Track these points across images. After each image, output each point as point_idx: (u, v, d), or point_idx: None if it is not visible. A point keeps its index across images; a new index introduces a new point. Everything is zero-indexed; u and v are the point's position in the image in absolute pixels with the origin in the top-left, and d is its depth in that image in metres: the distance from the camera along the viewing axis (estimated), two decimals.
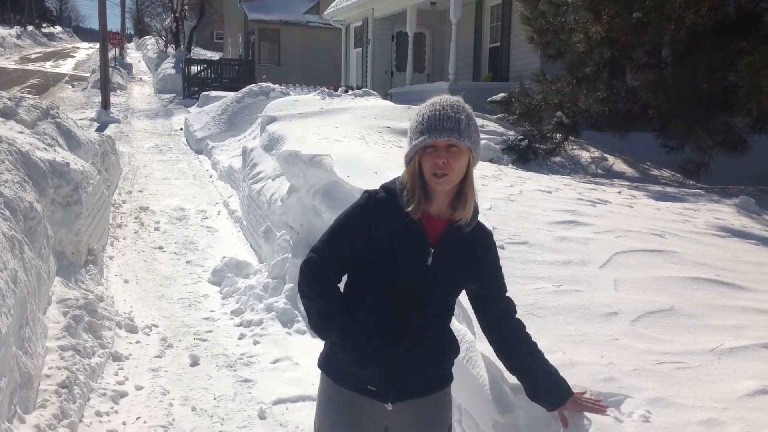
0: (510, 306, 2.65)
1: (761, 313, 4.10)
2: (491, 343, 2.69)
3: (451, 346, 2.64)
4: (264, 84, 20.78)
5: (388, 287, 2.44)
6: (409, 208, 2.36)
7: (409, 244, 2.40)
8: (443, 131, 2.31)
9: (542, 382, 2.63)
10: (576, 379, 3.08)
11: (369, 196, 2.48)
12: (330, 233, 2.52)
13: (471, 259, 2.49)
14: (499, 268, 2.62)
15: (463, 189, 2.39)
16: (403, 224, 2.39)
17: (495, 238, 4.71)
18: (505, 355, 2.66)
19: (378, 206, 2.44)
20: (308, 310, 2.56)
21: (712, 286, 4.44)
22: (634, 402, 2.96)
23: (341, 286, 2.59)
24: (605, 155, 12.38)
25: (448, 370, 2.65)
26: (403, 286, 2.42)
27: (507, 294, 2.66)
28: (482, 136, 12.03)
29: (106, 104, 24.78)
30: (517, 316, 2.66)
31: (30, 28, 70.72)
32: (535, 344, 2.64)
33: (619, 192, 8.13)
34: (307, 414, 4.81)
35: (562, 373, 3.00)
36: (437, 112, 2.34)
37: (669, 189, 9.41)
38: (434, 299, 2.48)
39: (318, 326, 2.54)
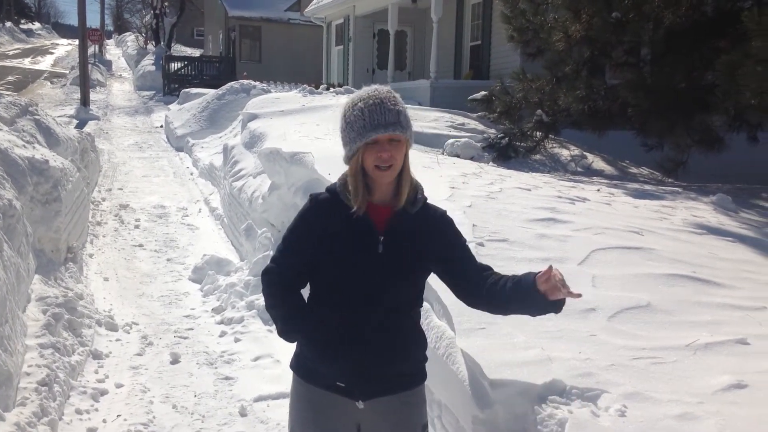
0: (484, 272, 2.58)
1: (737, 309, 4.16)
2: (482, 307, 2.63)
3: (417, 340, 2.63)
4: (245, 81, 20.71)
5: (347, 283, 2.46)
6: (355, 205, 2.42)
7: (358, 236, 2.44)
8: (387, 126, 2.35)
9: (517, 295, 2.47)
10: (554, 374, 3.12)
11: (311, 199, 2.55)
12: (283, 242, 2.59)
13: (424, 239, 2.51)
14: (464, 245, 2.61)
15: (401, 176, 2.43)
16: (349, 219, 2.43)
17: (475, 235, 4.76)
18: (496, 307, 2.59)
19: (322, 207, 2.51)
20: (273, 317, 2.63)
21: (689, 282, 4.50)
22: (610, 396, 3.00)
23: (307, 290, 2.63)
24: (585, 153, 12.47)
25: (419, 367, 2.65)
26: (361, 279, 2.44)
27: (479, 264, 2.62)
28: (463, 134, 12.14)
29: (85, 101, 24.62)
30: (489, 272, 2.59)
31: (8, 24, 69.99)
32: (502, 278, 2.52)
33: (598, 190, 8.19)
34: (288, 411, 4.82)
35: (540, 369, 3.04)
36: (377, 107, 2.37)
37: (647, 187, 9.50)
38: (394, 288, 2.48)
39: (282, 330, 2.60)
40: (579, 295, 2.37)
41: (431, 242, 2.52)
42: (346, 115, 2.43)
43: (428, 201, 2.56)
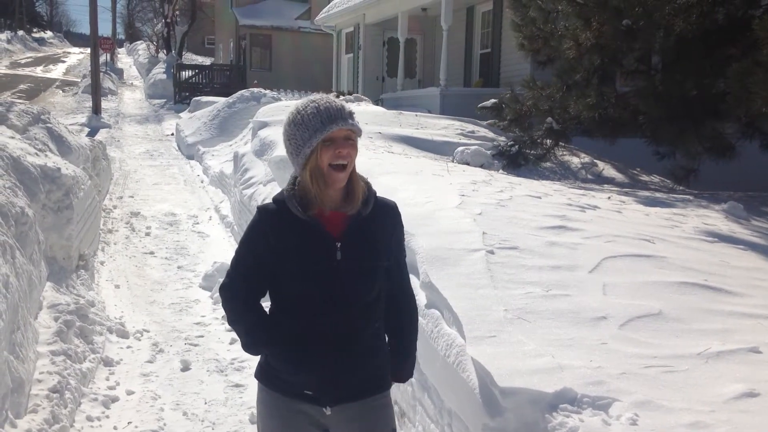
0: (407, 280, 2.71)
1: (748, 317, 4.14)
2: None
3: (381, 344, 2.63)
4: (255, 89, 20.77)
5: (308, 292, 2.45)
6: (308, 207, 2.41)
7: (313, 245, 2.43)
8: (345, 119, 2.37)
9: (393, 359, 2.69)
10: (565, 382, 3.11)
11: (259, 211, 2.54)
12: (236, 256, 2.60)
13: (379, 238, 2.52)
14: (401, 242, 2.66)
15: (351, 180, 2.43)
16: (300, 228, 2.43)
17: (485, 243, 4.76)
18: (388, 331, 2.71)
19: (270, 218, 2.49)
20: (236, 332, 2.63)
21: (700, 290, 4.48)
22: (622, 405, 2.99)
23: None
24: (595, 161, 12.44)
25: (385, 371, 2.64)
26: (321, 287, 2.43)
27: (406, 270, 2.71)
28: (473, 141, 12.14)
29: (97, 109, 24.74)
30: (411, 291, 2.73)
31: (20, 32, 70.37)
32: (406, 327, 2.73)
33: (609, 197, 8.17)
34: None
35: (551, 377, 3.02)
36: (329, 105, 2.39)
37: (658, 194, 9.46)
38: (356, 293, 2.47)
39: (246, 344, 2.60)
40: None
41: (386, 242, 2.55)
42: (296, 119, 2.41)
43: (377, 195, 2.56)
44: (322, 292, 2.43)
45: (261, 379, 2.61)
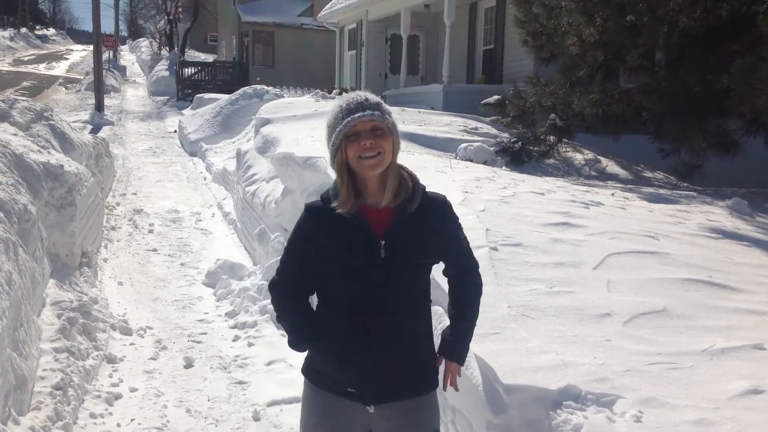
0: (468, 266, 2.66)
1: (753, 314, 4.13)
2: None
3: (428, 343, 2.61)
4: (258, 86, 20.77)
5: (352, 289, 2.45)
6: (344, 207, 2.40)
7: (356, 243, 2.42)
8: (365, 109, 2.36)
9: (447, 335, 2.68)
10: (569, 379, 3.10)
11: (306, 208, 2.56)
12: (285, 253, 2.62)
13: (427, 237, 2.49)
14: (459, 235, 2.62)
15: (386, 173, 2.42)
16: (344, 226, 2.42)
17: (489, 239, 4.74)
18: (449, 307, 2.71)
19: (315, 216, 2.50)
20: (284, 329, 2.66)
21: (705, 287, 4.47)
22: (626, 402, 2.98)
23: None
24: (599, 157, 12.41)
25: (431, 371, 2.61)
26: (365, 285, 2.43)
27: (469, 258, 2.66)
28: (476, 138, 12.13)
29: (99, 106, 24.74)
30: (473, 276, 2.68)
31: (23, 30, 70.44)
32: (467, 306, 2.67)
33: (613, 194, 8.15)
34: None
35: (555, 374, 3.01)
36: (353, 99, 2.40)
37: (662, 191, 9.44)
38: (400, 292, 2.46)
39: (291, 340, 2.63)
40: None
41: (433, 240, 2.51)
42: (327, 120, 2.47)
43: (426, 190, 2.54)
44: (365, 290, 2.43)
45: (306, 375, 2.63)
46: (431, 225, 2.50)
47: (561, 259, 4.67)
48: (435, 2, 19.24)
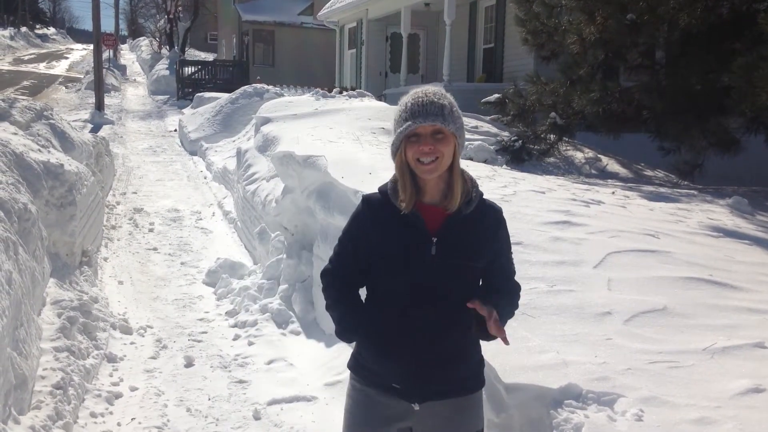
0: (512, 284, 2.59)
1: (754, 312, 4.12)
2: None
3: (474, 341, 2.58)
4: (258, 85, 20.75)
5: (400, 284, 2.45)
6: (401, 201, 2.40)
7: (409, 238, 2.42)
8: (427, 116, 2.33)
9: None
10: (570, 378, 3.10)
11: (363, 200, 2.55)
12: (338, 243, 2.61)
13: (478, 241, 2.47)
14: (506, 250, 2.57)
15: (451, 177, 2.41)
16: (399, 220, 2.42)
17: None
18: None
19: (372, 208, 2.50)
20: (331, 317, 2.65)
21: (705, 285, 4.46)
22: (627, 401, 2.98)
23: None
24: (599, 156, 12.41)
25: (477, 371, 2.59)
26: (413, 281, 2.43)
27: (513, 276, 2.60)
28: (476, 137, 12.12)
29: (100, 106, 24.73)
30: (516, 290, 2.60)
31: (23, 29, 70.47)
32: (509, 296, 2.58)
33: (613, 192, 8.15)
34: (301, 414, 4.82)
35: (556, 373, 3.01)
36: (420, 99, 2.37)
37: (662, 189, 9.44)
38: (448, 290, 2.45)
39: (338, 329, 2.62)
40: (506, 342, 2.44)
41: (484, 245, 2.49)
42: (395, 115, 2.45)
43: (483, 196, 2.52)
44: (413, 286, 2.43)
45: (352, 369, 2.62)
46: (484, 230, 2.49)
47: (561, 257, 4.67)
48: (435, 1, 19.24)
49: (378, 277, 2.52)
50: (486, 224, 2.49)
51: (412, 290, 2.43)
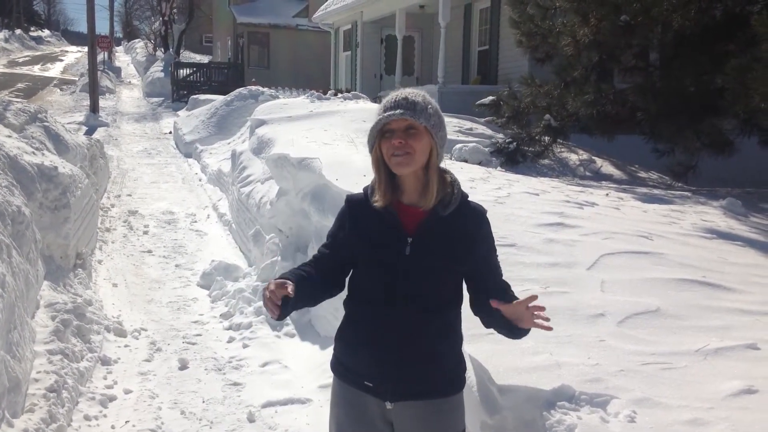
0: (504, 284, 2.56)
1: (746, 314, 4.14)
2: (480, 317, 2.59)
3: (449, 343, 2.55)
4: (253, 87, 20.74)
5: (375, 283, 2.47)
6: (378, 200, 2.43)
7: (385, 236, 2.44)
8: (397, 109, 2.36)
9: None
10: (563, 379, 3.10)
11: (346, 199, 2.61)
12: (327, 237, 2.66)
13: (455, 244, 2.45)
14: (491, 252, 2.56)
15: (426, 176, 2.41)
16: (377, 219, 2.45)
17: None
18: (486, 321, 2.56)
19: (352, 207, 2.56)
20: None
21: (699, 287, 4.48)
22: (620, 402, 2.98)
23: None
24: (593, 158, 12.43)
25: (454, 373, 2.56)
26: (387, 280, 2.44)
27: (502, 279, 2.57)
28: (471, 139, 12.13)
29: (94, 108, 24.69)
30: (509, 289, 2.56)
31: (18, 31, 70.21)
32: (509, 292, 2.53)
33: (607, 194, 8.17)
34: (296, 417, 4.82)
35: (549, 374, 3.02)
36: (395, 96, 2.41)
37: (656, 191, 9.46)
38: (421, 290, 2.44)
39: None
40: (549, 328, 2.35)
41: (464, 248, 2.47)
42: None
43: (468, 198, 2.52)
44: (387, 285, 2.44)
45: (333, 369, 2.65)
46: (463, 232, 2.47)
47: (555, 259, 4.68)
48: (430, 3, 19.25)
49: (356, 275, 2.56)
50: (467, 226, 2.49)
51: (386, 289, 2.44)
